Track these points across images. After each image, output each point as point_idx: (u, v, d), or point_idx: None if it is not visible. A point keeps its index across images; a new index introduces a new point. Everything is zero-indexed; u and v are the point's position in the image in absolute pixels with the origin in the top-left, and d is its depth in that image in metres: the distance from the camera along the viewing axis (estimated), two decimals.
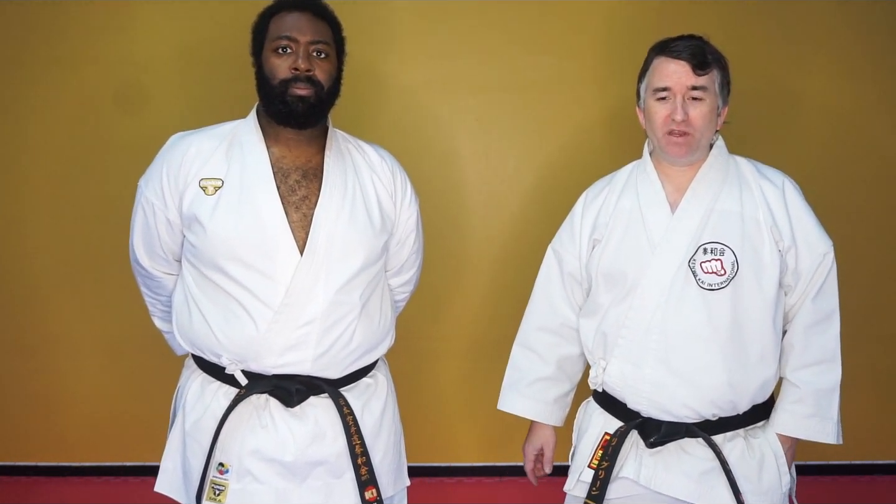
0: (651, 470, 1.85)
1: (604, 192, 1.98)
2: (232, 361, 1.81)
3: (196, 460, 1.85)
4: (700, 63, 1.78)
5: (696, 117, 1.79)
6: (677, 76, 1.79)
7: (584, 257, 1.97)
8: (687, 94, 1.79)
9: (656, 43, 1.87)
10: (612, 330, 1.89)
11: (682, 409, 1.82)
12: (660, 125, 1.82)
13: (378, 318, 1.92)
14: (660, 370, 1.83)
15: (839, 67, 2.97)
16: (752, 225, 1.83)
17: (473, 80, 3.01)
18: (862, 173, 3.03)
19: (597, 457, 1.89)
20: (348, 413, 1.85)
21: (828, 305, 1.86)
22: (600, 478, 1.86)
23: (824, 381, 1.85)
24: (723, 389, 1.81)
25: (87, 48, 2.96)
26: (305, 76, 1.77)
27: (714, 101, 1.82)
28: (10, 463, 3.17)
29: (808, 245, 1.84)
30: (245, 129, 1.87)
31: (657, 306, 1.83)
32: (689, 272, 1.81)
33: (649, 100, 1.84)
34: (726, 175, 1.88)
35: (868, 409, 3.04)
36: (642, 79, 1.88)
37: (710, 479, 1.82)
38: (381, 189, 1.93)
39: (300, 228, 1.80)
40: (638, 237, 1.87)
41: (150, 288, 1.99)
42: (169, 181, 1.83)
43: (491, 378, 3.10)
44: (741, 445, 1.85)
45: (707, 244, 1.82)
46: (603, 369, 1.91)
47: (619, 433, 1.88)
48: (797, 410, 1.85)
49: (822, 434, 1.85)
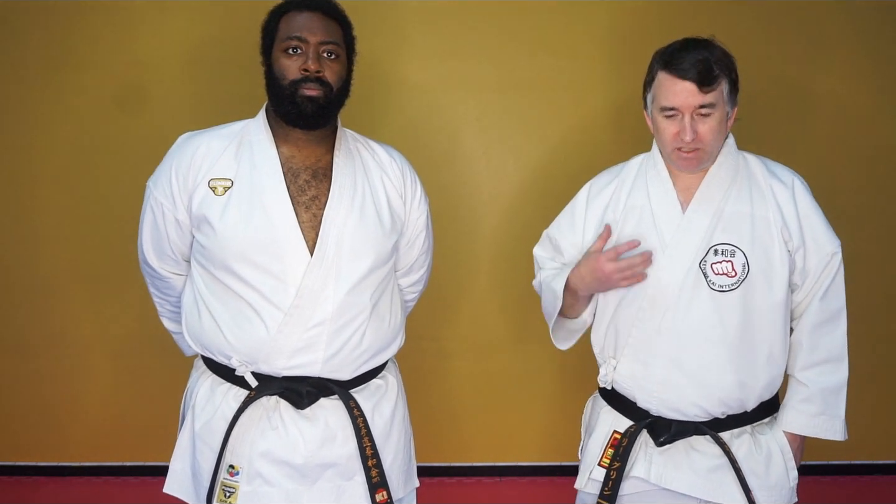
0: (661, 468, 1.87)
1: (612, 185, 1.96)
2: (242, 363, 1.80)
3: (206, 462, 1.85)
4: (706, 80, 1.75)
5: (705, 133, 1.78)
6: (684, 96, 1.76)
7: (586, 248, 1.95)
8: (695, 112, 1.77)
9: (660, 51, 1.84)
10: (622, 329, 1.89)
11: (691, 409, 1.84)
12: (669, 141, 1.82)
13: (388, 319, 1.91)
14: (670, 370, 1.84)
15: (850, 66, 2.97)
16: (762, 225, 1.83)
17: (475, 80, 3.01)
18: (872, 172, 3.04)
19: (607, 455, 1.90)
20: (359, 415, 1.84)
21: (835, 305, 1.87)
22: (612, 478, 1.87)
23: (832, 380, 1.86)
24: (732, 389, 1.82)
25: (92, 50, 2.95)
26: (315, 77, 1.76)
27: (723, 111, 1.80)
28: (11, 463, 3.15)
29: (817, 245, 1.84)
30: (254, 129, 1.86)
31: (668, 307, 1.83)
32: (700, 273, 1.82)
33: (657, 115, 1.83)
34: (736, 174, 1.88)
35: (868, 409, 3.05)
36: (647, 89, 1.86)
37: (719, 476, 1.84)
38: (390, 189, 1.92)
39: (310, 229, 1.79)
40: (649, 237, 1.87)
41: (159, 288, 1.98)
42: (178, 181, 1.82)
43: (493, 378, 3.14)
44: (748, 441, 1.86)
45: (718, 245, 1.82)
46: (613, 368, 1.92)
47: (630, 433, 1.89)
48: (805, 409, 1.86)
49: (830, 432, 1.87)
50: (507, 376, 2.70)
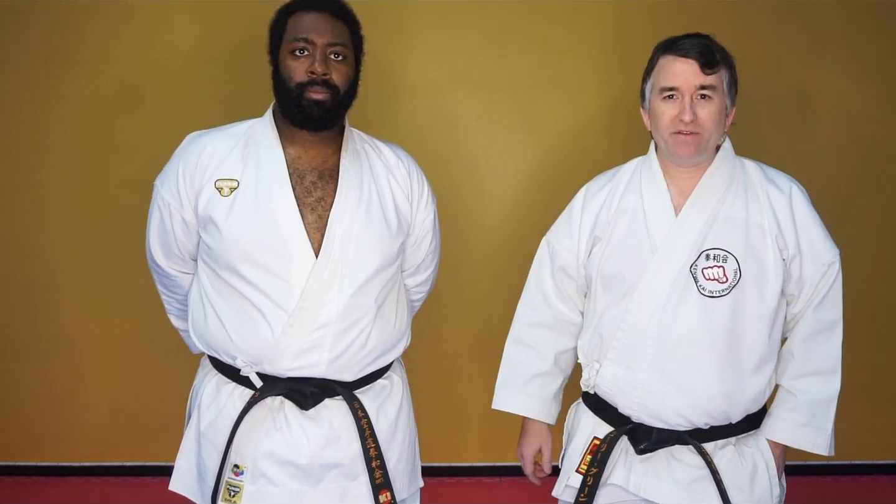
0: (640, 476, 1.81)
1: (606, 189, 1.92)
2: (247, 363, 1.81)
3: (210, 461, 1.85)
4: (709, 62, 1.74)
5: (704, 117, 1.75)
6: (685, 75, 1.74)
7: (582, 254, 1.92)
8: (695, 94, 1.74)
9: (662, 41, 1.82)
10: (607, 332, 1.84)
11: (674, 417, 1.78)
12: (667, 125, 1.77)
13: (394, 321, 1.91)
14: (654, 375, 1.78)
15: (850, 67, 2.98)
16: (756, 232, 1.79)
17: (475, 79, 3.01)
18: (873, 175, 3.04)
19: (585, 462, 1.85)
20: (363, 416, 1.84)
21: (830, 315, 1.81)
22: (588, 484, 1.82)
23: (822, 392, 1.80)
24: (717, 400, 1.77)
25: (95, 49, 2.95)
26: (322, 80, 1.75)
27: (722, 100, 1.77)
28: (13, 463, 3.15)
29: (814, 254, 1.79)
30: (261, 130, 1.85)
31: (655, 310, 1.78)
32: (690, 277, 1.77)
33: (655, 100, 1.79)
34: (732, 179, 1.83)
35: (868, 409, 3.05)
36: (647, 78, 1.83)
37: (700, 487, 1.78)
38: (397, 190, 1.92)
39: (316, 230, 1.79)
40: (639, 239, 1.82)
41: (167, 287, 1.98)
42: (185, 181, 1.82)
43: (494, 378, 3.12)
44: (731, 453, 1.81)
45: (710, 250, 1.78)
46: (596, 371, 1.87)
47: (609, 439, 1.83)
48: (791, 418, 1.80)
49: (814, 445, 1.80)
50: None
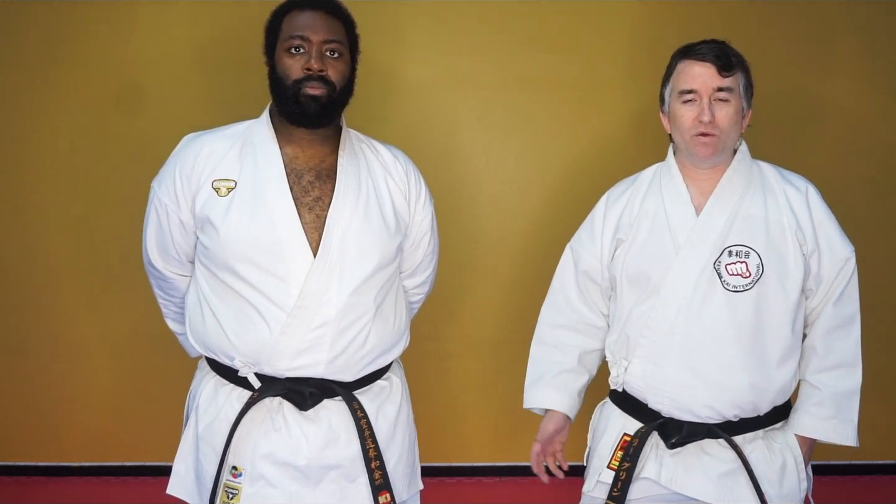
0: (671, 470, 1.86)
1: (627, 194, 1.99)
2: (245, 364, 1.80)
3: (209, 463, 1.84)
4: (725, 65, 1.81)
5: (722, 118, 1.82)
6: (703, 78, 1.82)
7: (606, 258, 1.98)
8: (713, 96, 1.82)
9: (679, 48, 1.90)
10: (634, 330, 1.90)
11: (704, 410, 1.84)
12: (687, 128, 1.84)
13: (393, 321, 1.91)
14: (682, 370, 1.84)
15: (859, 70, 2.97)
16: (776, 228, 1.85)
17: (475, 79, 2.99)
18: (883, 179, 3.04)
19: (616, 458, 1.90)
20: (362, 417, 1.84)
21: (849, 310, 1.89)
22: (621, 479, 1.87)
23: (845, 385, 1.88)
24: (744, 391, 1.83)
25: (92, 48, 2.93)
26: (318, 76, 1.76)
27: (739, 102, 1.84)
28: (10, 463, 3.14)
29: (831, 250, 1.86)
30: (258, 130, 1.85)
31: (680, 307, 1.84)
32: (715, 274, 1.83)
33: (675, 103, 1.86)
34: (750, 180, 1.90)
35: (868, 409, 3.02)
36: (666, 83, 1.91)
37: (731, 481, 1.83)
38: (394, 190, 1.92)
39: (313, 230, 1.79)
40: (662, 239, 1.88)
41: (164, 289, 1.98)
42: (182, 182, 1.82)
43: (494, 378, 3.13)
44: (761, 447, 1.86)
45: (732, 246, 1.84)
46: (625, 369, 1.92)
47: (640, 434, 1.88)
48: (817, 412, 1.87)
49: (842, 436, 1.87)
50: (507, 376, 2.66)
